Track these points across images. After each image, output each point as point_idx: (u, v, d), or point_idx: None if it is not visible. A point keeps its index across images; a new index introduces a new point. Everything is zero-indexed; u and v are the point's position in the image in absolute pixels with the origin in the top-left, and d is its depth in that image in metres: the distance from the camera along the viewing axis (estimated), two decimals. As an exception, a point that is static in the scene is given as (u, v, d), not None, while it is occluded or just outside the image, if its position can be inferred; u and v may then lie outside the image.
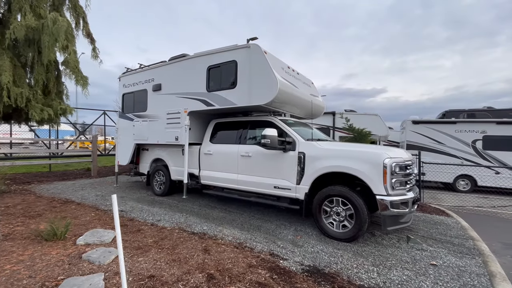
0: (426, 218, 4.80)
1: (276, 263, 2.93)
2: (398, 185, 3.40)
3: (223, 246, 3.34)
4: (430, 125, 10.37)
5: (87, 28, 5.26)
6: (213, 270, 2.66)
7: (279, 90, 4.14)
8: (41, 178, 8.15)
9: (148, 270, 2.62)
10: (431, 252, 3.29)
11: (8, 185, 6.89)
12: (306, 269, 2.83)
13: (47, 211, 4.68)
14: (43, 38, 4.00)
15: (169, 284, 2.35)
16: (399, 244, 3.55)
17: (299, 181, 4.04)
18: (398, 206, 3.33)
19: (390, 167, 3.34)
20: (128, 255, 2.96)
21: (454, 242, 3.65)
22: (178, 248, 3.22)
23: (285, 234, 3.90)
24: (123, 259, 1.98)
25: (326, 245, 3.47)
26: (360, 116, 9.02)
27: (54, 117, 4.66)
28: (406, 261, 3.05)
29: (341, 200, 3.64)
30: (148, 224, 4.19)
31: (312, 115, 5.81)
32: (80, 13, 5.06)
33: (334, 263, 2.99)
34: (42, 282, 2.33)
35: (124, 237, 3.54)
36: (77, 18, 5.04)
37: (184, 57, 5.50)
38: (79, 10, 5.00)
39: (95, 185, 7.35)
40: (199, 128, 5.62)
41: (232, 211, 5.00)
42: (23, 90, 3.98)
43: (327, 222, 3.78)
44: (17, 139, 8.40)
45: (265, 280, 2.51)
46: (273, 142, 3.99)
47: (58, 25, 3.98)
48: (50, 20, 3.97)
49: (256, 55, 4.35)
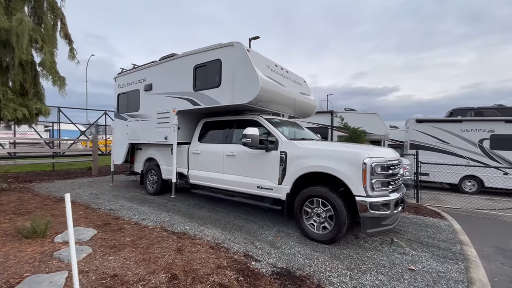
0: (417, 221, 4.62)
1: (247, 264, 2.88)
2: (378, 185, 3.27)
3: (198, 246, 3.31)
4: (434, 124, 10.01)
5: (65, 30, 5.36)
6: (179, 270, 2.63)
7: (261, 88, 4.07)
8: (43, 177, 8.40)
9: (114, 269, 2.62)
10: (412, 256, 3.14)
11: (10, 183, 7.14)
12: (277, 271, 2.76)
13: (38, 209, 4.80)
14: (11, 39, 4.10)
15: (129, 284, 2.34)
16: (381, 247, 3.42)
17: (281, 181, 3.96)
18: (378, 208, 3.20)
19: (369, 167, 3.21)
20: (100, 254, 2.98)
21: (440, 246, 3.48)
22: (153, 248, 3.22)
23: (266, 235, 3.83)
24: (75, 258, 1.98)
25: (305, 247, 3.38)
26: (358, 115, 8.81)
27: (30, 117, 4.76)
28: (384, 265, 2.93)
29: (321, 201, 3.55)
30: (132, 223, 4.22)
31: (303, 113, 5.70)
32: (58, 15, 5.16)
33: (308, 266, 2.90)
34: (7, 279, 2.37)
35: (103, 236, 3.58)
36: (55, 19, 5.14)
37: (172, 57, 5.52)
38: (57, 12, 5.09)
39: (93, 184, 7.50)
40: (188, 128, 5.62)
41: (219, 211, 4.97)
42: (-10, 90, 4.11)
43: (308, 223, 3.69)
44: (21, 139, 8.67)
45: (229, 282, 2.46)
46: (254, 141, 3.93)
47: (23, 26, 4.05)
48: (15, 21, 4.06)
49: (239, 54, 4.30)
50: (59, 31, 5.19)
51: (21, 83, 4.59)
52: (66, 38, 5.38)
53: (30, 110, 4.70)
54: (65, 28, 5.32)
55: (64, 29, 5.33)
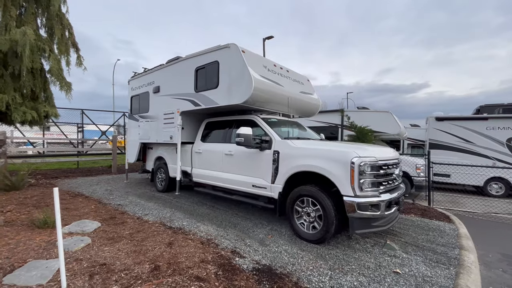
0: (421, 223, 4.40)
1: (231, 260, 2.96)
2: (368, 186, 3.19)
3: (189, 241, 3.46)
4: (456, 122, 9.37)
5: (72, 39, 5.84)
6: (163, 262, 2.79)
7: (254, 88, 4.14)
8: (68, 174, 9.14)
9: (105, 258, 2.84)
10: (402, 260, 3.04)
11: (38, 179, 7.86)
12: (258, 268, 2.81)
13: (56, 203, 5.26)
14: (18, 49, 4.57)
15: (114, 272, 2.54)
16: (371, 249, 3.34)
17: (274, 180, 4.00)
18: (366, 208, 3.13)
19: (358, 166, 3.15)
20: (98, 244, 3.23)
21: (437, 250, 3.31)
22: (147, 241, 3.42)
23: (258, 232, 3.89)
24: (62, 245, 2.19)
25: (293, 246, 3.39)
26: (370, 113, 8.50)
27: (38, 119, 5.25)
28: (368, 266, 2.86)
29: (311, 200, 3.54)
30: (135, 217, 4.49)
31: (304, 112, 5.68)
32: (66, 26, 5.63)
33: (291, 264, 2.93)
34: (12, 262, 2.67)
35: (105, 228, 3.85)
36: (63, 30, 5.61)
37: (177, 60, 5.75)
38: (65, 23, 5.56)
39: (110, 181, 8.02)
40: (192, 128, 5.83)
41: (218, 208, 5.11)
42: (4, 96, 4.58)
43: (299, 223, 3.69)
44: (49, 139, 9.49)
45: (206, 275, 2.56)
46: (246, 140, 4.00)
47: (25, 38, 4.49)
48: (19, 33, 4.51)
49: (234, 55, 4.39)
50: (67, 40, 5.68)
51: (32, 89, 5.10)
52: (73, 47, 5.87)
53: (39, 113, 5.20)
54: (72, 37, 5.82)
55: (71, 38, 5.83)
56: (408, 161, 7.46)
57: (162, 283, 2.36)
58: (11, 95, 4.69)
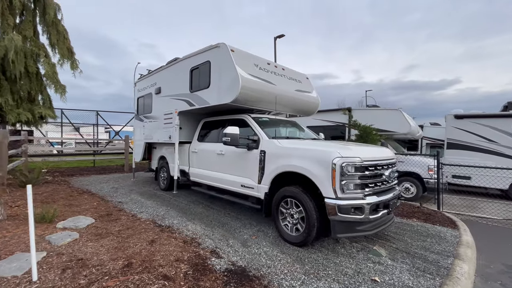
0: (421, 229, 4.11)
1: (207, 260, 2.95)
2: (351, 187, 3.03)
3: (172, 240, 3.50)
4: (478, 119, 8.66)
5: (67, 44, 6.14)
6: (138, 259, 2.84)
7: (242, 87, 4.10)
8: (83, 172, 9.67)
9: (85, 253, 2.95)
10: (386, 267, 2.84)
11: (55, 176, 8.40)
12: (232, 269, 2.78)
13: (62, 199, 5.58)
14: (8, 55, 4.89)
15: (87, 267, 2.62)
16: (356, 254, 3.16)
17: (260, 180, 3.93)
18: (348, 211, 2.97)
19: (339, 167, 3.00)
20: (84, 240, 3.37)
21: (429, 258, 3.06)
22: (132, 238, 3.51)
23: (244, 233, 3.85)
24: (34, 239, 2.30)
25: (274, 248, 3.31)
26: (379, 112, 8.08)
27: (33, 120, 5.57)
28: (346, 273, 2.72)
29: (294, 202, 3.43)
30: (130, 215, 4.62)
31: (301, 111, 5.55)
32: (61, 32, 5.94)
33: (266, 267, 2.86)
34: (1, 254, 2.86)
35: (98, 225, 4.01)
36: (58, 36, 5.92)
37: (175, 61, 5.86)
38: (60, 29, 5.87)
39: (119, 179, 8.37)
40: (190, 128, 5.90)
41: (213, 208, 5.13)
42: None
43: (283, 224, 3.60)
44: (67, 139, 10.10)
45: (175, 275, 2.57)
46: (233, 140, 3.98)
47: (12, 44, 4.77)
48: (7, 40, 4.82)
49: (224, 54, 4.38)
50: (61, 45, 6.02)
51: (29, 91, 5.46)
52: (68, 51, 6.20)
53: (34, 114, 5.55)
54: (67, 42, 6.16)
55: (66, 43, 6.16)
56: (420, 162, 7.02)
57: (127, 280, 2.40)
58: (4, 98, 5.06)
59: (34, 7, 5.64)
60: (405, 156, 7.42)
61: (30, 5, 5.54)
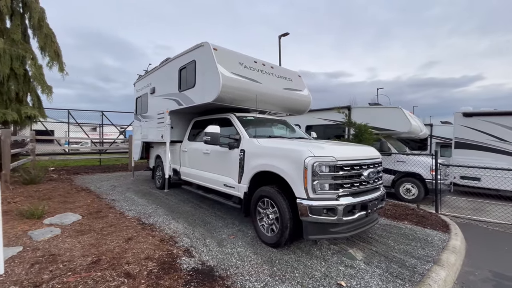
0: (409, 232, 3.92)
1: (177, 259, 2.95)
2: (323, 187, 2.93)
3: (150, 238, 3.53)
4: (489, 117, 8.18)
5: (54, 47, 6.35)
6: (107, 256, 2.88)
7: (223, 85, 4.07)
8: (89, 170, 10.00)
9: (59, 249, 3.03)
10: (357, 271, 2.73)
11: (60, 174, 8.74)
12: (199, 268, 2.76)
13: (60, 196, 5.78)
14: None
15: (56, 262, 2.69)
16: (330, 257, 3.06)
17: (240, 179, 3.90)
18: (320, 212, 2.88)
19: (311, 167, 2.91)
20: (64, 236, 3.46)
21: (406, 263, 2.91)
22: (111, 235, 3.57)
23: (224, 232, 3.83)
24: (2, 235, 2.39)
25: (248, 248, 3.27)
26: (378, 110, 7.80)
27: (19, 120, 5.80)
28: (313, 275, 2.63)
29: (270, 202, 3.37)
30: (118, 212, 4.72)
31: (290, 110, 5.45)
32: (49, 34, 6.15)
33: (235, 267, 2.82)
34: (-18, 248, 2.99)
35: (83, 221, 4.11)
36: (45, 39, 6.14)
37: (166, 61, 5.92)
38: (48, 32, 6.07)
39: (120, 178, 8.58)
40: (182, 127, 5.95)
41: (201, 207, 5.14)
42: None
43: (260, 224, 3.55)
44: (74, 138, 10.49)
45: (138, 273, 2.58)
46: (213, 139, 3.96)
47: None
48: None
49: (207, 53, 4.37)
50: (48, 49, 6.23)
51: (16, 92, 5.70)
52: (55, 54, 6.42)
53: (20, 114, 5.78)
54: (54, 45, 6.38)
55: (54, 46, 6.38)
56: (422, 162, 6.72)
57: (89, 276, 2.43)
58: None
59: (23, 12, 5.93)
60: (407, 156, 7.14)
61: (19, 10, 5.83)
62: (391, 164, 7.27)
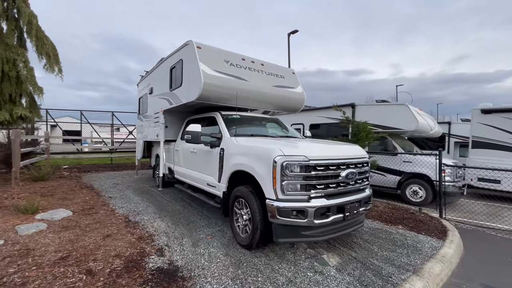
0: (398, 237, 3.63)
1: (146, 257, 2.95)
2: (293, 188, 2.78)
3: (128, 235, 3.57)
4: (509, 114, 7.45)
5: (46, 49, 6.61)
6: (77, 253, 2.93)
7: (204, 83, 4.03)
8: (99, 168, 10.43)
9: (36, 244, 3.13)
10: (325, 278, 2.56)
11: (72, 172, 9.19)
12: (164, 268, 2.74)
13: (62, 192, 6.05)
14: None
15: (27, 256, 2.78)
16: (302, 262, 2.90)
17: (220, 178, 3.83)
18: (288, 214, 2.74)
19: (280, 166, 2.78)
20: (47, 232, 3.58)
21: (383, 272, 2.68)
22: (93, 232, 3.65)
23: (204, 232, 3.79)
24: (-28, 229, 2.50)
25: (221, 249, 3.20)
26: (384, 107, 7.35)
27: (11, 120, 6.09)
28: (277, 281, 2.50)
29: (244, 202, 3.27)
30: (109, 209, 4.84)
31: (281, 107, 5.31)
32: (41, 37, 6.42)
33: (200, 268, 2.77)
34: (-31, 241, 3.17)
35: (72, 218, 4.25)
36: (38, 42, 6.41)
37: (161, 61, 5.99)
38: (40, 35, 6.34)
39: (125, 176, 8.85)
40: (176, 126, 5.99)
41: (191, 206, 5.15)
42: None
43: (236, 225, 3.46)
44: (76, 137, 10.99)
45: (100, 270, 2.60)
46: (194, 137, 3.92)
47: None
48: None
49: (191, 51, 4.35)
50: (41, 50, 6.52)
51: (10, 94, 6.03)
52: (47, 56, 6.70)
53: (12, 115, 6.09)
54: (46, 47, 6.65)
55: (45, 48, 6.65)
56: (430, 163, 6.25)
57: (50, 272, 2.48)
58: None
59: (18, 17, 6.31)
60: (414, 156, 6.69)
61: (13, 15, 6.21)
62: (397, 165, 6.85)
